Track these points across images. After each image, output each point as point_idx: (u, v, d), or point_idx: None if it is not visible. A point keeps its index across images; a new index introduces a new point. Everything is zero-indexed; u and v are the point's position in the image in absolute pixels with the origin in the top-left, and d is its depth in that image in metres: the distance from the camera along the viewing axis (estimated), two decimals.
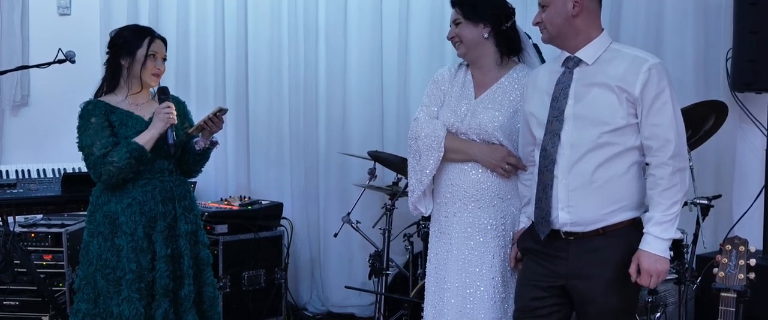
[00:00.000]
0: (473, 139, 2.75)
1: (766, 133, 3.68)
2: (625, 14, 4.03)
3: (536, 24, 2.55)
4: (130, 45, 3.02)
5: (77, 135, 3.01)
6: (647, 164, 2.44)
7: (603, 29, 2.53)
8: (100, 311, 2.97)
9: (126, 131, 2.98)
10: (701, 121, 3.28)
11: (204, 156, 3.15)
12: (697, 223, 3.21)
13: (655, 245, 2.38)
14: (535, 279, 2.55)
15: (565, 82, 2.48)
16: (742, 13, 3.54)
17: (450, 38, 2.83)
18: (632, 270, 2.40)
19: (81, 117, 3.01)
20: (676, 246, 3.56)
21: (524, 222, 2.73)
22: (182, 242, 3.05)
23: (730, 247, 2.45)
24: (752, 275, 2.41)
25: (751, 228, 3.66)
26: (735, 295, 2.40)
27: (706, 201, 3.20)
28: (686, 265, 3.34)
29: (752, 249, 2.44)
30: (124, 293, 2.94)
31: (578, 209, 2.44)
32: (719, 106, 3.31)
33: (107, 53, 3.08)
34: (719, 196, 3.38)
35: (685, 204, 3.21)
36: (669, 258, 2.40)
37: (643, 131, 2.41)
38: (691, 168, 3.24)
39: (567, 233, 2.47)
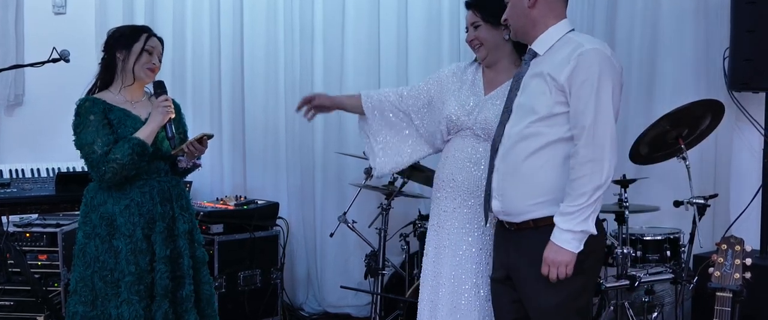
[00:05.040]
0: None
1: (763, 132, 3.67)
2: (620, 13, 4.02)
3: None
4: (128, 39, 3.01)
5: (74, 133, 2.94)
6: None
7: (564, 17, 2.47)
8: (98, 313, 2.94)
9: (125, 130, 2.94)
10: (698, 120, 3.27)
11: (187, 172, 3.17)
12: (694, 223, 3.19)
13: (556, 235, 2.29)
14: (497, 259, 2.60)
15: (521, 74, 2.49)
16: (740, 12, 3.53)
17: (469, 41, 2.81)
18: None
19: (78, 114, 2.94)
20: (673, 245, 3.55)
21: None
22: (181, 242, 3.03)
23: (725, 247, 2.45)
24: (748, 274, 2.41)
25: (747, 228, 3.64)
26: (731, 295, 2.40)
27: (702, 201, 3.19)
28: (683, 265, 3.34)
29: (748, 248, 2.43)
30: (123, 295, 2.91)
31: (506, 198, 2.43)
32: (716, 105, 3.29)
33: (103, 51, 3.05)
34: (716, 196, 3.37)
35: (681, 203, 3.20)
36: (574, 250, 2.28)
37: (569, 119, 2.33)
38: (688, 168, 3.23)
39: (507, 223, 2.48)
